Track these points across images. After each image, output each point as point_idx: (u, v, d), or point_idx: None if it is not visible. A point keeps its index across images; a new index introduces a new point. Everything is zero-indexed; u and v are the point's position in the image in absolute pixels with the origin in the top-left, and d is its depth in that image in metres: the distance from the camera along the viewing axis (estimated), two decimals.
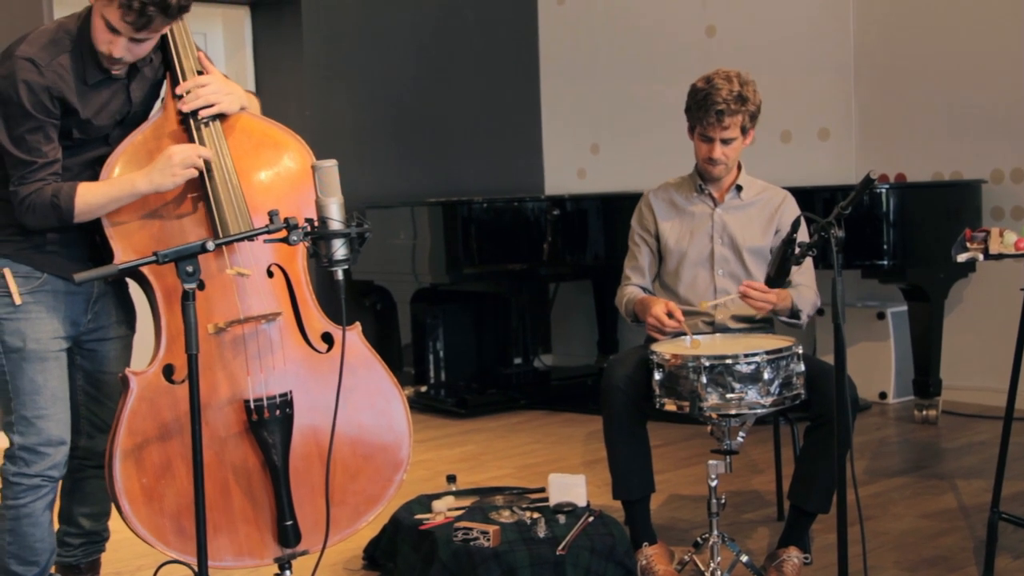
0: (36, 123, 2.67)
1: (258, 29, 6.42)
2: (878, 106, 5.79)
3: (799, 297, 3.38)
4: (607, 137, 6.88)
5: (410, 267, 5.83)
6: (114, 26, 2.64)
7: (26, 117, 2.66)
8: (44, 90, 2.65)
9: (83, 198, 2.69)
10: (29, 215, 2.70)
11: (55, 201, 2.68)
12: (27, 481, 2.77)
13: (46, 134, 2.69)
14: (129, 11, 2.60)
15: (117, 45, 2.68)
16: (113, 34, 2.66)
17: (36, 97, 2.65)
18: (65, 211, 2.69)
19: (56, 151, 2.72)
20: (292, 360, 2.90)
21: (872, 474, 4.36)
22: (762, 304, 3.25)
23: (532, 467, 4.68)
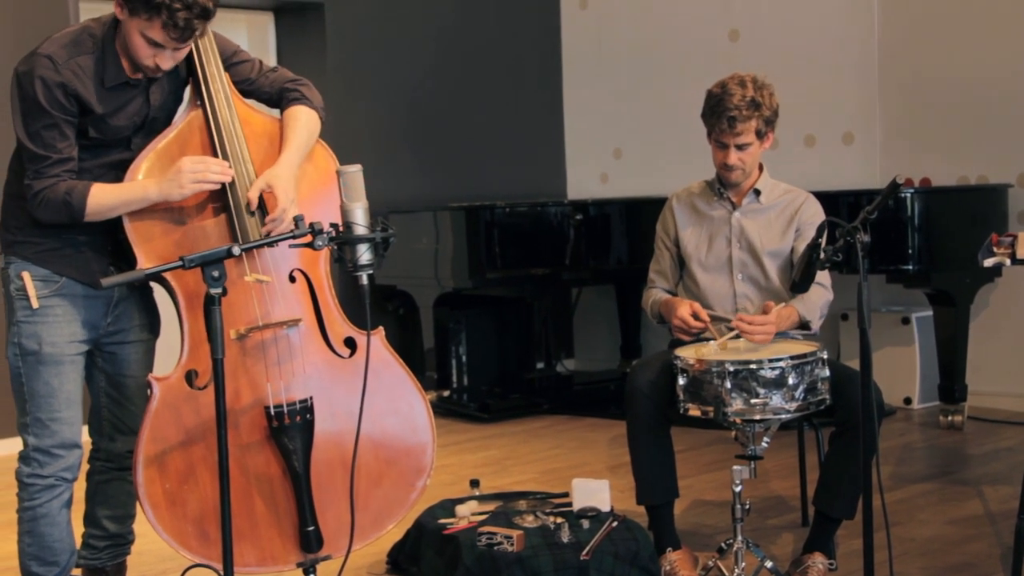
0: (52, 119, 2.69)
1: (282, 34, 6.45)
2: (903, 110, 5.76)
3: (805, 307, 3.33)
4: (630, 142, 6.87)
5: (433, 272, 5.84)
6: (158, 42, 2.66)
7: (42, 113, 2.68)
8: (59, 87, 2.68)
9: (95, 198, 2.71)
10: (41, 209, 2.72)
11: (67, 198, 2.70)
12: (41, 481, 2.79)
13: (61, 131, 2.71)
14: (175, 28, 2.63)
15: (164, 57, 2.71)
16: (156, 48, 2.68)
17: (51, 93, 2.67)
18: (76, 209, 2.71)
19: (71, 149, 2.73)
20: (313, 365, 2.90)
21: (897, 480, 4.33)
22: (762, 337, 3.18)
23: (555, 472, 4.67)
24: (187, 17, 2.62)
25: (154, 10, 2.61)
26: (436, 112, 6.67)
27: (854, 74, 5.88)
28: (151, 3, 2.60)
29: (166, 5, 2.60)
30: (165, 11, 2.60)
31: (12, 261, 2.83)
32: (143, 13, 2.63)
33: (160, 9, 2.60)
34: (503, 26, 6.90)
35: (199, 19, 2.65)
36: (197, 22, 2.65)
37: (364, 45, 6.38)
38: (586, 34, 7.02)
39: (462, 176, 6.71)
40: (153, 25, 2.64)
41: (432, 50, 6.64)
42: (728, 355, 3.07)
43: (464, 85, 6.76)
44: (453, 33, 6.71)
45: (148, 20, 2.63)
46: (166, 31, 2.64)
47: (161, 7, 2.60)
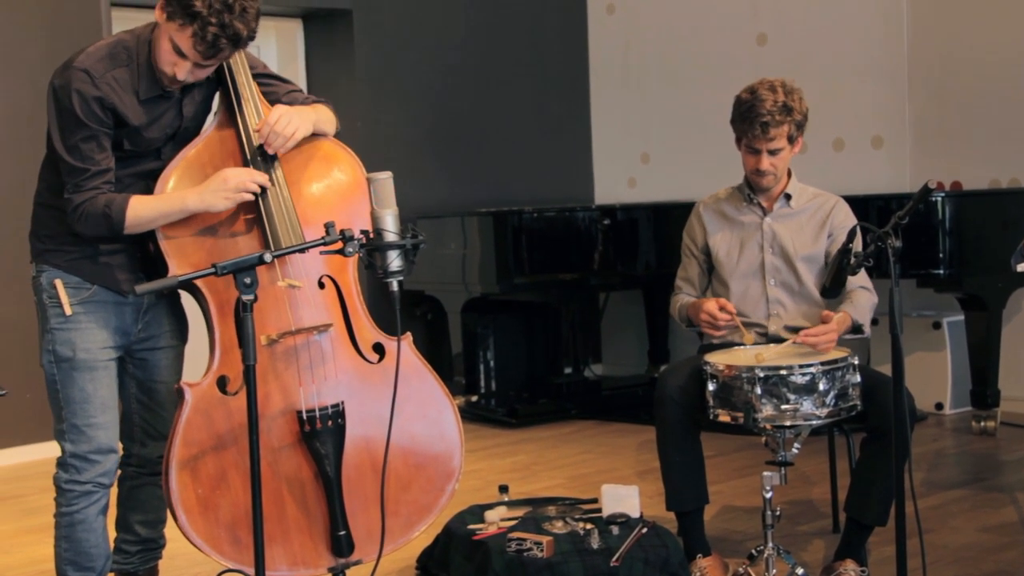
0: (89, 132, 2.71)
1: (311, 41, 6.48)
2: (933, 113, 5.72)
3: (855, 309, 3.33)
4: (657, 146, 6.86)
5: (460, 277, 5.84)
6: (183, 51, 2.68)
7: (79, 126, 2.70)
8: (96, 100, 2.69)
9: (134, 210, 2.73)
10: (81, 223, 2.74)
11: (107, 211, 2.71)
12: (79, 488, 2.81)
13: (99, 143, 2.73)
14: (202, 41, 2.65)
15: (182, 68, 2.73)
16: (180, 57, 2.70)
17: (88, 107, 2.69)
18: (116, 222, 2.72)
19: (109, 160, 2.75)
20: (344, 371, 2.91)
21: (930, 486, 4.30)
22: (827, 345, 3.18)
23: (584, 477, 4.66)
24: (216, 34, 2.64)
25: (189, 18, 2.63)
26: (464, 117, 6.68)
27: (883, 77, 5.85)
28: (188, 10, 2.62)
29: (202, 17, 2.62)
30: (199, 22, 2.62)
31: (44, 269, 2.85)
32: (179, 19, 2.64)
33: (195, 19, 2.62)
34: (530, 32, 6.91)
35: (228, 41, 2.66)
36: (224, 42, 2.66)
37: (392, 51, 6.40)
38: (613, 39, 7.01)
39: (490, 181, 6.72)
40: (184, 33, 2.65)
41: (460, 56, 6.65)
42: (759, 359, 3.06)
43: (492, 90, 6.77)
44: (481, 39, 6.72)
45: (181, 27, 2.65)
46: (194, 42, 2.65)
47: (196, 16, 2.62)
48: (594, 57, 7.13)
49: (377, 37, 6.34)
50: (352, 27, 6.25)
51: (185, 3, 2.62)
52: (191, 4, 2.62)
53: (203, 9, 2.61)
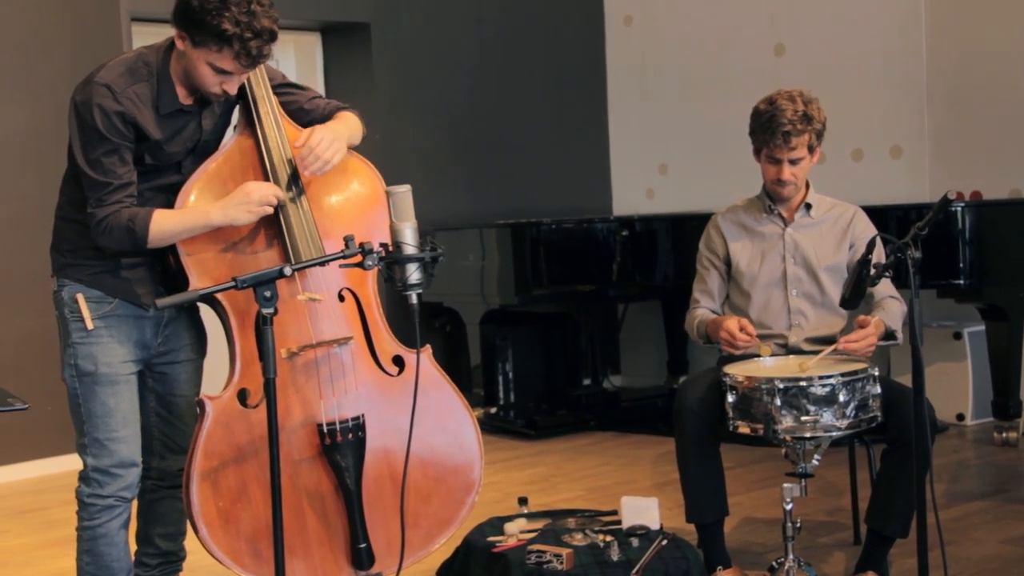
0: (111, 146, 2.72)
1: (329, 54, 6.51)
2: (952, 122, 5.71)
3: (888, 316, 3.31)
4: (676, 157, 6.86)
5: (479, 289, 5.85)
6: (227, 69, 2.70)
7: (101, 140, 2.71)
8: (118, 115, 2.71)
9: (158, 224, 2.74)
10: (105, 237, 2.75)
11: (130, 225, 2.72)
12: (101, 502, 2.82)
13: (121, 157, 2.74)
14: (247, 56, 2.67)
15: (231, 83, 2.75)
16: (224, 76, 2.72)
17: (110, 121, 2.70)
18: (140, 236, 2.73)
19: (131, 174, 2.76)
20: (364, 383, 2.92)
21: (951, 498, 4.28)
22: (867, 350, 3.17)
23: (603, 489, 4.66)
24: (259, 45, 2.66)
25: (226, 42, 2.63)
26: (482, 129, 6.69)
27: (901, 87, 5.84)
28: (223, 35, 2.62)
29: (238, 36, 2.62)
30: (237, 41, 2.63)
31: (65, 284, 2.87)
32: (212, 45, 2.65)
33: (232, 40, 2.63)
34: (548, 43, 6.92)
35: (268, 44, 2.68)
36: (267, 48, 2.68)
37: (410, 64, 6.42)
38: (631, 50, 7.02)
39: (508, 193, 6.73)
40: (223, 55, 2.67)
41: (477, 68, 6.67)
42: (777, 371, 3.05)
43: (510, 102, 6.79)
44: (498, 51, 6.74)
45: (218, 51, 2.66)
46: (238, 60, 2.67)
47: (233, 38, 2.63)
48: (612, 68, 7.14)
49: (395, 50, 6.37)
50: (370, 40, 6.28)
51: (213, 29, 2.62)
52: (221, 29, 2.61)
53: (234, 29, 2.62)
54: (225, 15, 2.61)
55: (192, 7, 2.64)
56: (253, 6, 2.64)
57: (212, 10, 2.61)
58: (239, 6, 2.62)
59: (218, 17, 2.61)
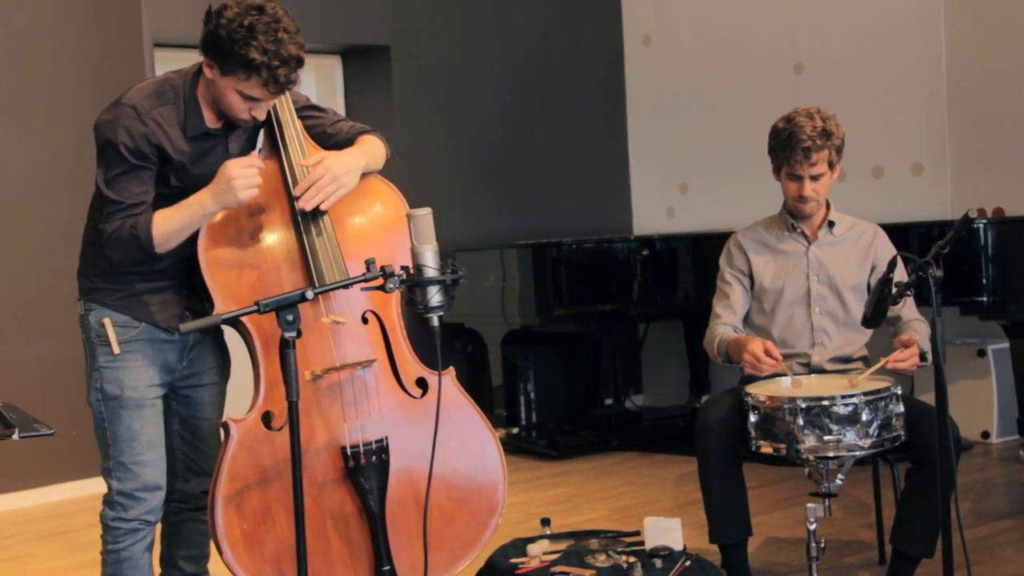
0: (130, 166, 2.74)
1: (349, 77, 6.56)
2: (973, 139, 5.69)
3: (922, 338, 3.30)
4: (696, 176, 6.86)
5: (500, 309, 5.86)
6: (255, 96, 2.72)
7: (122, 160, 2.74)
8: (143, 137, 2.74)
9: (159, 225, 2.74)
10: (115, 250, 2.77)
11: (134, 232, 2.73)
12: (125, 525, 2.84)
13: (140, 177, 2.76)
14: (275, 83, 2.69)
15: (260, 109, 2.78)
16: (253, 102, 2.75)
17: (135, 143, 2.73)
18: (144, 240, 2.73)
19: (146, 194, 2.77)
20: (387, 406, 2.92)
21: (977, 517, 4.25)
22: (913, 364, 3.18)
23: (626, 509, 4.65)
24: (287, 72, 2.68)
25: (253, 71, 2.66)
26: (502, 150, 6.72)
27: (922, 103, 5.83)
28: (251, 64, 2.64)
29: (265, 65, 2.64)
30: (265, 70, 2.65)
31: (92, 308, 2.89)
32: (240, 73, 2.68)
33: (260, 69, 2.65)
34: (567, 63, 6.95)
35: (296, 70, 2.70)
36: (294, 75, 2.71)
37: (430, 86, 6.46)
38: (650, 70, 7.04)
39: (529, 213, 6.74)
40: (251, 83, 2.69)
41: (497, 89, 6.70)
42: (803, 390, 3.04)
43: (529, 123, 6.81)
44: (517, 72, 6.77)
45: (245, 80, 2.69)
46: (266, 87, 2.69)
47: (261, 67, 2.65)
48: (631, 88, 7.16)
49: (415, 72, 6.40)
50: (390, 63, 6.32)
51: (241, 58, 2.65)
52: (248, 58, 2.64)
53: (262, 58, 2.64)
54: (252, 44, 2.63)
55: (219, 36, 2.66)
56: (280, 34, 2.66)
57: (240, 39, 2.64)
58: (266, 34, 2.64)
59: (245, 46, 2.63)
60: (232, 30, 2.64)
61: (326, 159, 2.87)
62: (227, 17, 2.66)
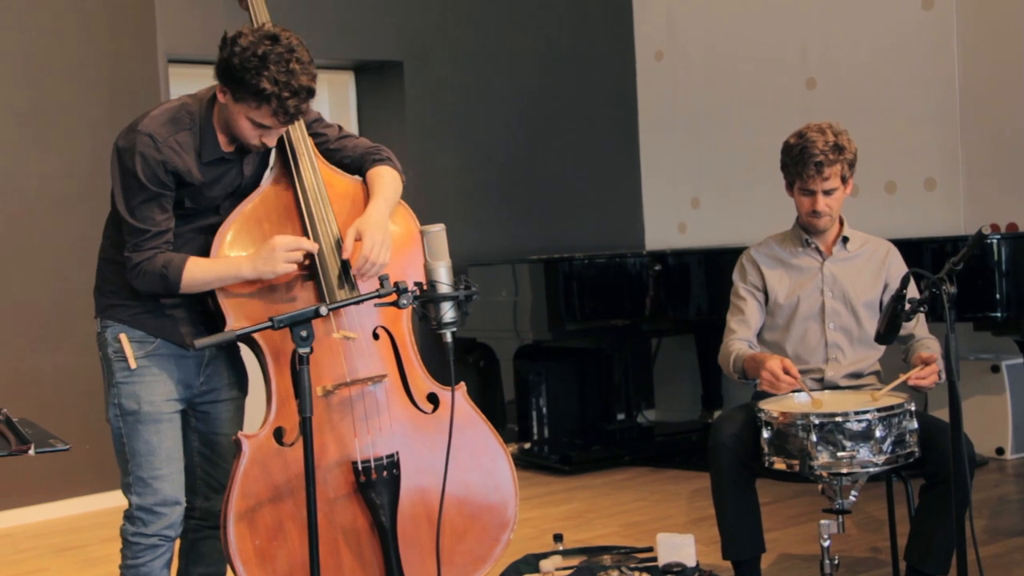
0: (151, 194, 2.77)
1: (362, 92, 6.58)
2: (986, 154, 5.68)
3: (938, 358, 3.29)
4: (708, 191, 6.86)
5: (512, 324, 5.86)
6: (266, 124, 2.75)
7: (142, 188, 2.76)
8: (160, 164, 2.76)
9: (190, 273, 2.78)
10: (139, 280, 2.80)
11: (164, 271, 2.77)
12: (145, 541, 2.84)
13: (161, 205, 2.79)
14: (284, 113, 2.72)
15: (270, 136, 2.81)
16: (263, 129, 2.77)
17: (152, 170, 2.75)
18: (172, 282, 2.77)
19: (169, 221, 2.81)
20: (398, 421, 2.93)
21: (992, 533, 4.22)
22: (933, 381, 3.16)
23: (638, 525, 4.63)
24: (297, 103, 2.71)
25: (264, 100, 2.68)
26: (514, 166, 6.73)
27: (934, 118, 5.82)
28: (262, 94, 2.67)
29: (276, 95, 2.67)
30: (275, 100, 2.68)
31: (108, 325, 2.91)
32: (251, 102, 2.71)
33: (270, 99, 2.68)
34: (579, 79, 6.96)
35: (306, 101, 2.73)
36: (305, 105, 2.74)
37: (442, 101, 6.48)
38: (662, 85, 7.05)
39: (541, 228, 6.75)
40: (262, 112, 2.72)
41: (509, 104, 6.72)
42: (815, 408, 3.04)
43: (541, 138, 6.82)
44: (529, 87, 6.79)
45: (256, 108, 2.71)
46: (275, 116, 2.72)
47: (271, 97, 2.68)
48: (643, 103, 7.17)
49: (427, 88, 6.42)
50: (403, 78, 6.34)
51: (252, 88, 2.67)
52: (259, 88, 2.67)
53: (273, 88, 2.67)
54: (264, 74, 2.66)
55: (232, 65, 2.69)
56: (292, 64, 2.69)
57: (252, 69, 2.66)
58: (278, 65, 2.67)
59: (257, 76, 2.66)
60: (245, 59, 2.67)
61: (362, 232, 2.84)
62: (241, 45, 2.69)
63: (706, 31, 6.79)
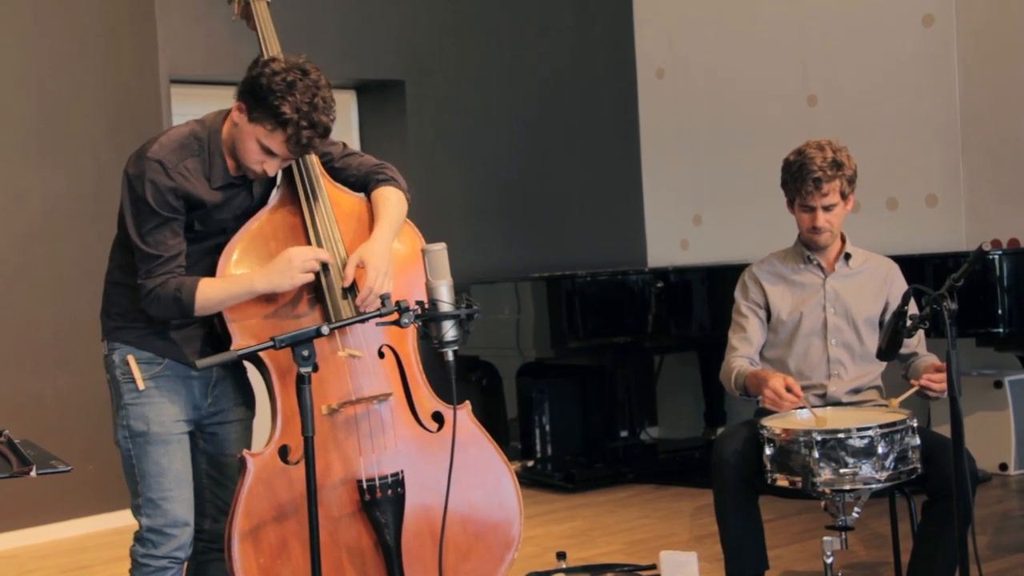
0: (162, 219, 2.78)
1: (364, 111, 6.60)
2: (987, 170, 5.69)
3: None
4: (710, 208, 6.87)
5: (515, 342, 5.87)
6: (273, 151, 2.76)
7: (153, 214, 2.77)
8: (170, 191, 2.77)
9: (204, 294, 2.79)
10: (153, 307, 2.81)
11: (177, 295, 2.77)
12: (155, 563, 2.84)
13: (172, 230, 2.80)
14: (296, 144, 2.73)
15: (271, 165, 2.81)
16: (269, 156, 2.78)
17: (162, 197, 2.77)
18: (187, 305, 2.78)
19: (181, 245, 2.82)
20: (403, 440, 2.93)
21: (996, 550, 4.22)
22: (943, 387, 3.14)
23: (642, 543, 4.63)
24: (311, 136, 2.72)
25: (281, 125, 2.70)
26: (516, 183, 6.75)
27: (935, 135, 5.84)
28: (280, 118, 2.69)
29: (294, 122, 2.69)
30: (292, 127, 2.70)
31: (116, 347, 2.91)
32: (267, 123, 2.72)
33: (287, 125, 2.70)
34: (581, 97, 6.98)
35: (320, 138, 2.75)
36: (317, 141, 2.75)
37: (444, 120, 6.50)
38: (663, 103, 7.07)
39: (543, 246, 6.76)
40: (275, 137, 2.73)
41: (511, 122, 6.74)
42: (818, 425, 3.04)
43: (543, 156, 6.85)
44: (531, 105, 6.81)
45: (270, 131, 2.73)
46: (287, 144, 2.74)
47: (288, 123, 2.69)
48: (644, 121, 7.19)
49: (429, 107, 6.45)
50: (405, 97, 6.37)
51: (273, 109, 2.69)
52: (280, 111, 2.68)
53: (293, 114, 2.68)
54: (289, 99, 2.68)
55: (260, 84, 2.71)
56: (316, 99, 2.71)
57: (278, 92, 2.69)
58: (304, 94, 2.69)
59: (281, 99, 2.68)
60: (274, 81, 2.69)
61: (366, 262, 2.85)
62: (273, 68, 2.72)
63: (707, 48, 6.82)
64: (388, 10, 6.31)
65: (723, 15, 6.72)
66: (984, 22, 5.66)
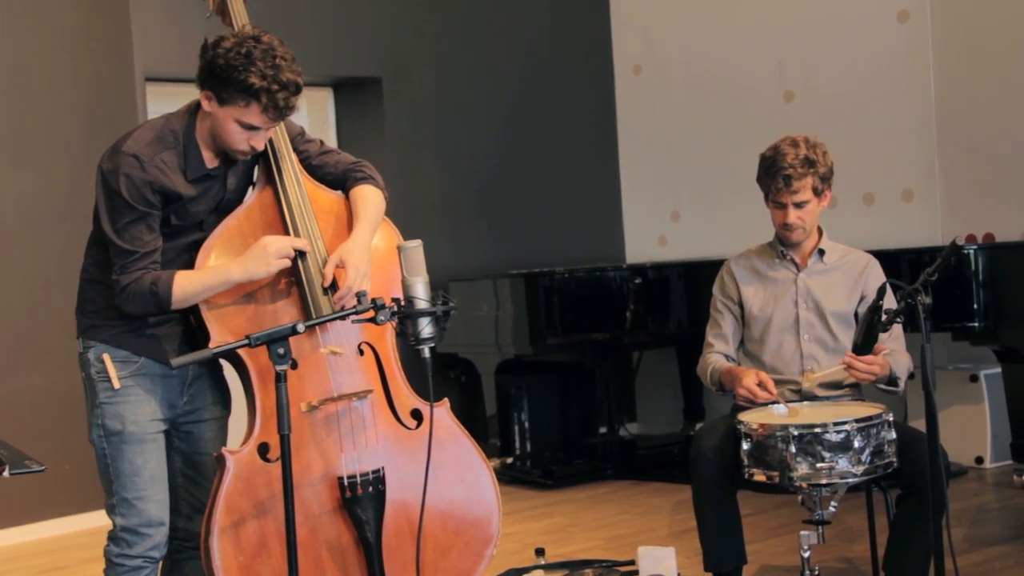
0: (137, 215, 2.76)
1: (341, 109, 6.59)
2: (962, 165, 5.73)
3: (895, 363, 3.32)
4: (687, 204, 6.89)
5: (493, 339, 5.87)
6: (254, 124, 2.75)
7: (129, 209, 2.76)
8: (146, 184, 2.75)
9: (180, 286, 2.77)
10: (129, 302, 2.78)
11: (154, 289, 2.76)
12: (129, 562, 2.83)
13: (148, 225, 2.79)
14: (274, 110, 2.72)
15: (258, 139, 2.80)
16: (251, 131, 2.77)
17: (138, 191, 2.75)
18: (163, 298, 2.76)
19: (156, 241, 2.80)
20: (383, 437, 2.93)
21: (972, 543, 4.25)
22: (866, 376, 3.20)
23: (620, 538, 4.64)
24: (285, 96, 2.71)
25: (253, 96, 2.69)
26: (494, 181, 6.75)
27: (911, 130, 5.87)
28: (251, 90, 2.68)
29: (265, 89, 2.68)
30: (264, 94, 2.69)
31: (91, 345, 2.89)
32: (240, 101, 2.71)
33: (259, 94, 2.69)
34: (558, 94, 6.99)
35: (294, 96, 2.74)
36: (293, 99, 2.74)
37: (421, 118, 6.49)
38: (640, 99, 7.08)
39: (521, 243, 6.76)
40: (250, 110, 2.72)
41: (488, 120, 6.74)
42: (796, 418, 3.05)
43: (521, 153, 6.85)
44: (509, 103, 6.81)
45: (245, 106, 2.72)
46: (265, 113, 2.72)
47: (260, 91, 2.68)
48: (622, 117, 7.19)
49: (406, 104, 6.44)
50: (382, 95, 6.36)
51: (240, 84, 2.68)
52: (248, 83, 2.67)
53: (261, 82, 2.68)
54: (252, 70, 2.67)
55: (218, 65, 2.70)
56: (278, 60, 2.70)
57: (238, 66, 2.68)
58: (264, 60, 2.69)
59: (244, 72, 2.67)
60: (230, 58, 2.68)
61: (346, 262, 2.84)
62: (224, 47, 2.71)
63: (684, 44, 6.83)
64: (365, 7, 6.30)
65: (700, 11, 6.74)
66: (959, 17, 5.69)
